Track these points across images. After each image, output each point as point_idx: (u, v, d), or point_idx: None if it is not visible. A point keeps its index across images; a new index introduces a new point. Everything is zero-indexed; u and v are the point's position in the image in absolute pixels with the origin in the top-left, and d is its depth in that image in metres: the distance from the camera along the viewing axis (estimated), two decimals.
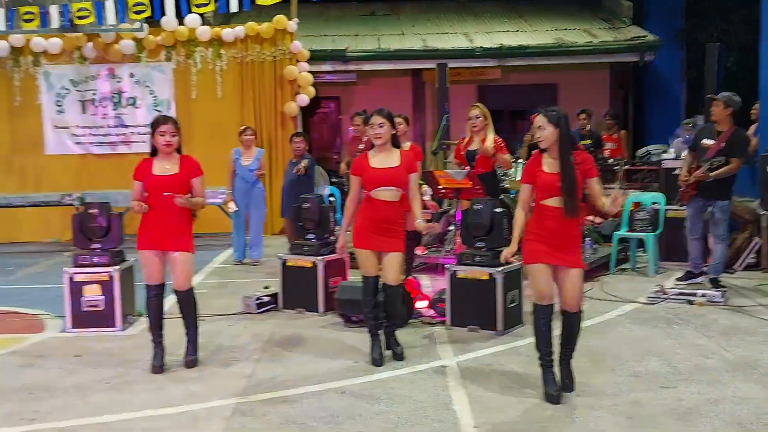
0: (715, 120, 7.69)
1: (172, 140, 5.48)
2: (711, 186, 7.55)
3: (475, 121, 7.75)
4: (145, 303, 5.66)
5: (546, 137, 4.72)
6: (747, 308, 7.00)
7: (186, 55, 12.71)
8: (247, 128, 9.88)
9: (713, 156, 7.51)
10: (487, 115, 7.78)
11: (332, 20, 16.82)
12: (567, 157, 4.69)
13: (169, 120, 5.57)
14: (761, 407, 4.57)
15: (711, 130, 7.78)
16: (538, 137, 4.76)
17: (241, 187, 9.66)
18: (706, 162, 7.53)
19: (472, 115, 7.76)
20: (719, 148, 7.54)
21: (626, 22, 15.78)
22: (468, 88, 15.79)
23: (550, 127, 4.71)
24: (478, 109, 7.78)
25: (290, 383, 5.21)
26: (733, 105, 7.61)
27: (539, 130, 4.74)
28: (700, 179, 7.55)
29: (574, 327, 4.87)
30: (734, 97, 7.70)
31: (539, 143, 4.78)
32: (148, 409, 4.79)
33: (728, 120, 7.62)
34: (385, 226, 5.53)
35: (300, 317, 7.11)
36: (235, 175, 9.67)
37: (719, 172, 7.47)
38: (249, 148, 9.72)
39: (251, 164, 9.63)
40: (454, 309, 6.52)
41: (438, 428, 4.39)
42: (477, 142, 7.82)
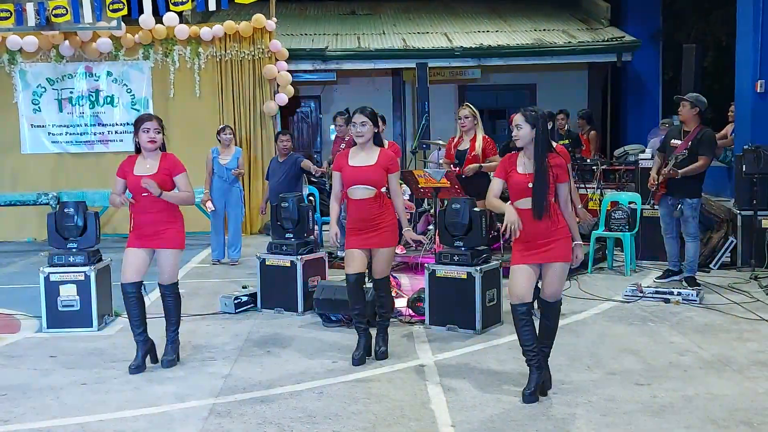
0: (683, 120, 7.86)
1: (157, 137, 5.47)
2: (680, 184, 7.68)
3: (464, 121, 7.79)
4: (125, 302, 5.61)
5: (522, 136, 4.74)
6: (721, 306, 7.07)
7: (164, 53, 12.64)
8: (225, 127, 9.85)
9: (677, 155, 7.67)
10: (476, 114, 7.83)
11: (312, 19, 16.81)
12: (541, 158, 4.70)
13: (153, 117, 5.58)
14: (734, 404, 4.63)
15: (679, 130, 7.95)
16: (514, 135, 4.77)
17: (219, 186, 9.63)
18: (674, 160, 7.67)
19: (462, 115, 7.80)
20: (686, 146, 7.70)
21: (604, 23, 15.89)
22: (448, 87, 15.84)
23: (527, 126, 4.72)
24: (468, 109, 7.82)
25: (268, 383, 5.20)
26: (699, 105, 7.78)
27: (516, 129, 4.75)
28: (669, 177, 7.66)
29: (551, 318, 4.89)
30: (700, 98, 7.88)
31: (515, 141, 4.80)
32: (124, 409, 4.76)
33: (695, 119, 7.79)
34: (367, 224, 5.54)
35: (278, 317, 7.09)
36: (213, 175, 9.63)
37: (687, 170, 7.60)
38: (227, 147, 9.68)
39: (229, 163, 9.59)
40: (433, 308, 6.54)
41: (415, 427, 4.40)
42: (467, 141, 7.86)
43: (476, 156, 7.77)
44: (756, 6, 9.71)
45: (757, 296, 7.41)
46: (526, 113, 4.76)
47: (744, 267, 8.64)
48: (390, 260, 5.72)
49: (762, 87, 9.71)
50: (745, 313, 6.80)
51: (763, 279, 8.00)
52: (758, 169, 8.44)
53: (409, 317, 6.80)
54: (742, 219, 8.76)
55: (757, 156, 8.47)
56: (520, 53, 14.48)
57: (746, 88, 9.99)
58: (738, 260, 8.80)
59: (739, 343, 5.92)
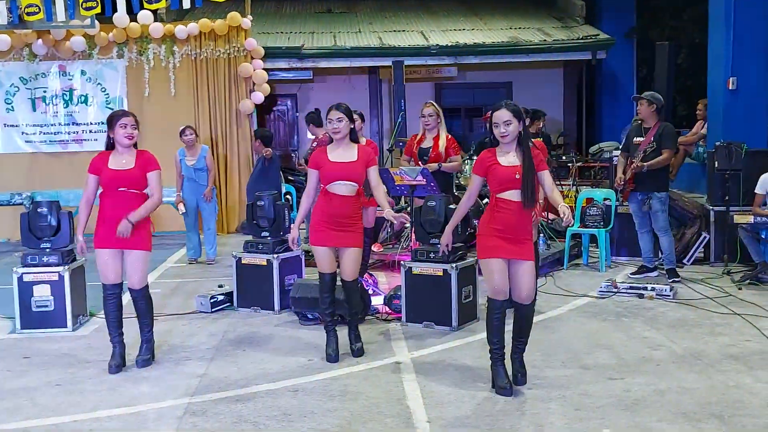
0: (642, 117, 8.06)
1: (134, 132, 5.42)
2: (648, 179, 7.85)
3: (428, 119, 7.78)
4: (103, 303, 5.57)
5: (512, 131, 4.77)
6: (694, 301, 7.15)
7: (138, 52, 12.55)
8: (186, 128, 9.70)
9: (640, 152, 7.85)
10: (439, 113, 7.80)
11: (288, 17, 16.77)
12: (528, 150, 4.77)
13: (129, 113, 5.54)
14: (706, 397, 4.69)
15: (639, 128, 8.13)
16: (503, 132, 4.76)
17: (189, 186, 9.57)
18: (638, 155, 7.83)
19: (425, 113, 7.80)
20: (649, 142, 7.87)
21: (579, 21, 16.00)
22: (424, 85, 15.89)
23: (515, 121, 4.76)
24: (431, 108, 7.80)
25: (243, 382, 5.20)
26: (656, 102, 8.01)
27: (505, 125, 4.75)
28: (636, 171, 7.79)
29: (527, 319, 4.94)
30: (656, 95, 8.14)
31: (503, 137, 4.77)
32: (99, 410, 4.74)
33: (654, 116, 8.00)
34: (341, 221, 5.53)
35: (255, 316, 7.08)
36: (182, 176, 9.57)
37: (652, 163, 7.78)
38: (192, 147, 9.61)
39: (196, 163, 9.53)
40: (409, 305, 6.56)
41: (391, 423, 4.42)
42: (429, 139, 7.86)
43: (439, 154, 7.73)
44: (727, 5, 9.82)
45: (730, 291, 7.51)
46: (512, 108, 4.77)
47: (717, 262, 8.74)
48: (358, 261, 5.69)
49: (734, 84, 9.83)
50: (718, 308, 6.89)
51: (735, 274, 8.10)
52: (730, 165, 8.54)
53: (386, 314, 6.82)
54: (714, 215, 8.86)
55: (729, 152, 8.57)
56: (496, 51, 14.54)
57: (718, 86, 10.10)
58: (711, 255, 8.90)
59: (711, 338, 6.00)
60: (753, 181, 8.21)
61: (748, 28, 9.76)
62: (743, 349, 5.66)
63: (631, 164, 7.91)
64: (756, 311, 6.72)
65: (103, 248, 5.44)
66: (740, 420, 4.31)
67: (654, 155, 7.82)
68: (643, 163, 7.77)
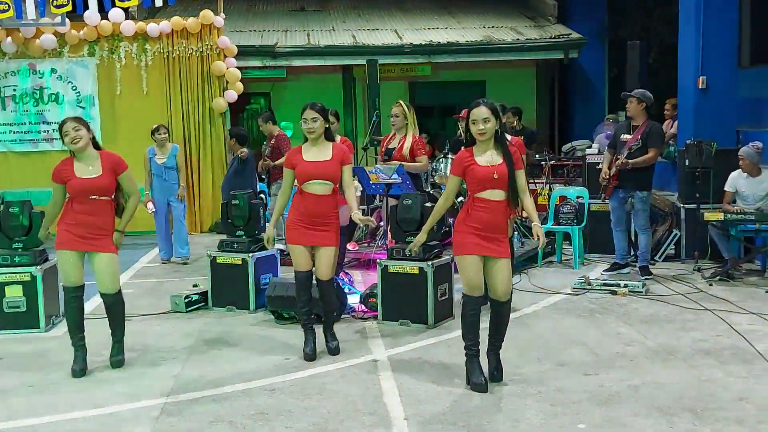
0: (631, 115, 8.11)
1: (77, 135, 5.29)
2: (631, 177, 7.89)
3: (394, 119, 7.78)
4: (68, 306, 5.50)
5: (489, 129, 4.78)
6: (666, 297, 7.25)
7: (110, 50, 12.40)
8: (160, 126, 9.60)
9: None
10: (407, 113, 7.73)
11: (260, 15, 16.70)
12: (507, 148, 4.79)
13: (66, 120, 5.40)
14: (679, 391, 4.75)
15: (627, 126, 8.16)
16: (481, 129, 4.77)
17: (159, 185, 9.47)
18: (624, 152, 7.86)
19: (393, 113, 7.80)
20: (637, 140, 7.92)
21: (551, 21, 16.12)
22: (398, 84, 15.89)
23: (493, 118, 4.78)
24: (399, 108, 7.78)
25: (219, 382, 5.17)
26: (646, 100, 8.06)
27: (483, 123, 4.76)
28: (621, 168, 7.84)
29: (504, 316, 4.97)
30: (647, 93, 8.16)
31: (481, 135, 4.78)
32: (73, 411, 4.70)
33: (643, 114, 8.06)
34: (317, 220, 5.54)
35: (230, 315, 7.05)
36: (152, 174, 9.48)
37: (638, 161, 7.83)
38: (163, 146, 9.55)
39: (167, 161, 9.45)
40: (386, 303, 6.57)
41: (368, 421, 4.42)
42: (398, 139, 7.85)
43: (402, 155, 7.69)
44: (697, 5, 9.93)
45: (701, 287, 7.61)
46: (490, 106, 4.79)
47: (688, 259, 8.85)
48: (334, 261, 5.69)
49: (704, 83, 9.95)
50: (689, 304, 6.98)
51: (706, 270, 8.21)
52: (700, 163, 8.65)
53: (362, 313, 6.82)
54: (685, 212, 8.97)
55: (699, 150, 8.68)
56: (470, 50, 14.62)
57: (688, 85, 10.22)
58: (682, 252, 9.01)
59: (684, 333, 6.08)
60: (723, 179, 8.34)
61: (717, 28, 9.88)
62: (715, 344, 5.74)
63: (616, 161, 7.96)
64: (726, 307, 6.82)
65: (68, 250, 5.35)
66: (713, 413, 4.38)
67: (639, 153, 7.87)
68: (628, 160, 7.82)
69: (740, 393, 4.71)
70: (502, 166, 4.78)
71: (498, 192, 4.80)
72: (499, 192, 4.80)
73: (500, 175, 4.76)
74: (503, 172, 4.77)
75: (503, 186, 4.79)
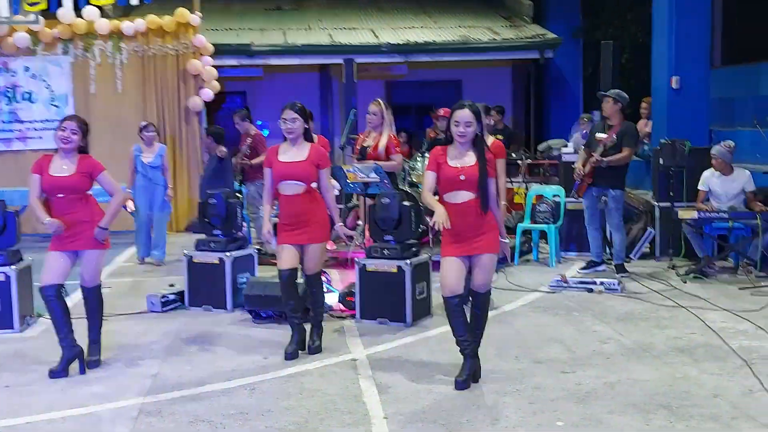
0: (606, 115, 8.20)
1: (72, 137, 5.30)
2: (605, 175, 8.00)
3: (371, 117, 7.80)
4: (46, 306, 5.46)
5: (470, 133, 4.79)
6: (642, 295, 7.33)
7: (84, 48, 12.29)
8: (148, 125, 9.55)
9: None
10: (384, 112, 7.76)
11: (237, 14, 16.62)
12: (483, 152, 4.81)
13: (74, 118, 5.43)
14: (654, 388, 4.81)
15: (603, 125, 8.28)
16: (462, 132, 4.77)
17: (143, 185, 9.34)
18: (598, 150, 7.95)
19: (370, 111, 7.81)
20: (611, 139, 8.00)
21: (527, 21, 16.22)
22: (375, 83, 15.91)
23: (475, 123, 4.78)
24: (375, 106, 7.80)
25: (198, 381, 5.16)
26: (621, 101, 8.17)
27: (465, 126, 4.75)
28: (595, 165, 7.92)
29: (481, 308, 5.00)
30: (622, 93, 8.28)
31: (461, 137, 4.78)
32: (51, 411, 4.65)
33: (618, 114, 8.16)
34: (296, 219, 5.55)
35: (207, 315, 7.02)
36: (136, 173, 9.38)
37: (612, 159, 7.93)
38: (151, 145, 9.45)
39: (153, 161, 9.34)
40: (364, 302, 6.58)
41: (348, 420, 4.43)
42: (372, 137, 7.87)
43: (377, 154, 7.72)
44: (670, 5, 10.05)
45: (675, 284, 7.70)
46: (474, 110, 4.77)
47: (662, 257, 8.96)
48: (321, 256, 5.74)
49: (677, 83, 10.06)
50: (664, 301, 7.07)
51: (680, 268, 8.31)
52: (674, 162, 8.76)
53: (340, 312, 6.83)
54: (659, 211, 9.08)
55: (673, 149, 8.79)
56: (446, 50, 14.68)
57: (662, 85, 10.32)
58: (656, 250, 9.11)
59: (659, 330, 6.15)
60: (696, 178, 8.45)
61: (690, 29, 10.00)
62: (689, 342, 5.82)
63: (590, 158, 8.04)
64: (701, 304, 6.91)
65: (56, 250, 5.36)
66: (687, 410, 4.44)
67: (614, 152, 7.95)
68: (603, 158, 7.90)
69: (714, 389, 4.78)
70: (473, 168, 4.77)
71: (465, 193, 4.79)
72: (465, 193, 4.79)
73: (468, 176, 4.76)
74: (472, 174, 4.76)
75: (471, 188, 4.78)
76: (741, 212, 7.82)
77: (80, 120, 5.45)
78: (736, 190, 8.09)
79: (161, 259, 9.55)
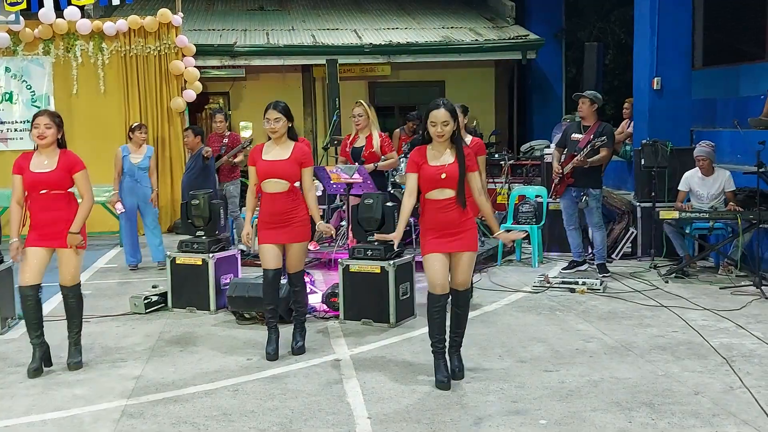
0: (583, 116, 8.25)
1: (46, 132, 5.26)
2: (585, 175, 8.04)
3: (358, 119, 7.82)
4: (23, 305, 5.42)
5: (448, 132, 4.81)
6: (624, 294, 7.37)
7: (65, 48, 12.21)
8: (142, 125, 9.35)
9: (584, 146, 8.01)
10: (368, 112, 7.80)
11: (219, 14, 16.59)
12: (462, 149, 4.83)
13: (44, 113, 5.38)
14: (637, 386, 4.84)
15: (578, 126, 8.32)
16: (440, 132, 4.79)
17: (129, 186, 9.10)
18: (580, 151, 7.97)
19: (355, 113, 7.82)
20: (589, 139, 8.04)
21: (509, 22, 16.29)
22: (358, 84, 15.91)
23: (452, 121, 4.81)
24: (360, 107, 7.83)
25: (181, 383, 5.13)
26: (597, 101, 8.25)
27: (442, 125, 4.77)
28: (577, 165, 7.96)
29: (461, 307, 5.02)
30: (598, 95, 8.36)
31: (439, 137, 4.80)
32: (31, 414, 4.62)
33: (594, 115, 8.25)
34: (279, 218, 5.55)
35: (191, 316, 6.99)
36: (122, 174, 9.26)
37: (594, 159, 8.00)
38: (140, 146, 9.28)
39: (141, 162, 9.20)
40: (347, 303, 6.57)
41: (332, 421, 4.43)
42: (362, 138, 7.88)
43: (373, 153, 7.77)
44: (652, 7, 10.12)
45: (657, 284, 7.75)
46: (450, 108, 4.80)
47: (644, 256, 9.01)
48: (303, 255, 5.75)
49: (658, 84, 10.14)
50: (646, 300, 7.11)
51: (662, 268, 8.37)
52: (656, 162, 8.82)
53: (324, 313, 6.82)
54: (641, 211, 9.13)
55: (655, 150, 8.85)
56: (429, 50, 14.72)
57: (644, 86, 10.39)
58: (638, 250, 9.17)
59: (641, 329, 6.19)
60: (678, 178, 8.51)
61: (671, 31, 10.08)
62: (671, 340, 5.86)
63: (570, 158, 8.08)
64: (682, 303, 6.96)
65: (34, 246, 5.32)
66: (669, 407, 4.47)
67: (593, 153, 8.00)
68: (587, 159, 7.95)
69: (695, 387, 4.81)
70: (453, 166, 4.81)
71: (446, 191, 4.83)
72: (447, 191, 4.83)
73: (449, 174, 4.79)
74: (452, 172, 4.80)
75: (452, 185, 4.81)
76: (722, 212, 7.89)
77: (51, 113, 5.40)
78: (717, 191, 8.15)
79: (163, 259, 9.20)
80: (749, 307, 6.80)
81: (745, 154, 8.99)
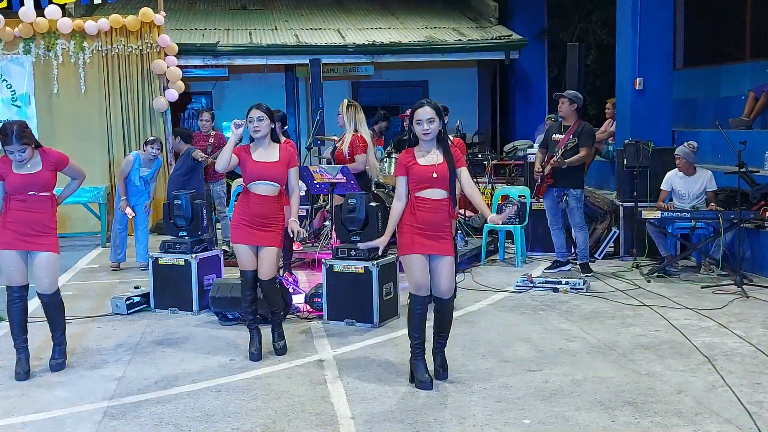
0: (563, 116, 8.29)
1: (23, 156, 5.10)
2: (565, 175, 8.09)
3: (338, 118, 7.78)
4: (7, 306, 5.37)
5: (434, 129, 4.82)
6: (606, 294, 7.40)
7: (46, 47, 12.11)
8: (156, 140, 9.22)
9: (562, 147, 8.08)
10: (344, 112, 7.64)
11: (202, 14, 16.52)
12: (448, 148, 4.84)
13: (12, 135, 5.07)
14: (619, 385, 4.86)
15: (559, 126, 8.35)
16: (426, 129, 4.80)
17: (133, 191, 9.06)
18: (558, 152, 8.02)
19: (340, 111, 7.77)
20: (568, 140, 8.11)
21: (492, 22, 16.34)
22: (342, 83, 15.91)
23: (437, 119, 4.81)
24: (341, 106, 7.77)
25: (164, 384, 5.10)
26: (577, 101, 8.27)
27: (428, 123, 4.78)
28: (555, 166, 8.00)
29: (447, 314, 5.01)
30: (578, 94, 8.40)
31: (425, 135, 4.80)
32: (12, 416, 4.57)
33: (574, 115, 8.27)
34: (260, 220, 5.51)
35: (173, 317, 6.95)
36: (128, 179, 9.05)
37: (572, 159, 8.03)
38: (152, 161, 9.15)
39: (148, 175, 9.10)
40: (331, 303, 6.56)
41: (315, 421, 4.41)
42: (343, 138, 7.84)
43: (343, 157, 7.60)
44: (634, 8, 10.18)
45: (639, 283, 7.79)
46: (434, 107, 4.81)
47: (626, 256, 9.06)
48: (277, 261, 5.68)
49: (641, 84, 10.20)
50: (628, 300, 7.14)
51: (644, 267, 8.41)
52: (638, 162, 8.86)
53: (307, 313, 6.80)
54: (624, 210, 9.18)
55: (637, 150, 8.89)
56: (412, 50, 14.74)
57: (626, 86, 10.46)
58: (621, 250, 9.22)
59: (623, 328, 6.22)
60: (660, 178, 8.55)
61: (653, 31, 10.15)
62: (653, 339, 5.89)
63: (550, 158, 8.12)
64: (664, 302, 7.00)
65: (9, 249, 5.23)
66: (652, 406, 4.49)
67: (572, 152, 8.04)
68: (564, 159, 7.98)
69: (678, 386, 4.84)
70: (443, 165, 4.83)
71: (438, 191, 4.85)
72: (439, 191, 4.85)
73: (440, 174, 4.81)
74: (443, 171, 4.82)
75: (443, 185, 4.84)
76: (703, 212, 7.94)
77: (19, 129, 5.11)
78: (699, 190, 8.20)
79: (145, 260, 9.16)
80: (731, 306, 6.85)
81: (727, 155, 9.06)
